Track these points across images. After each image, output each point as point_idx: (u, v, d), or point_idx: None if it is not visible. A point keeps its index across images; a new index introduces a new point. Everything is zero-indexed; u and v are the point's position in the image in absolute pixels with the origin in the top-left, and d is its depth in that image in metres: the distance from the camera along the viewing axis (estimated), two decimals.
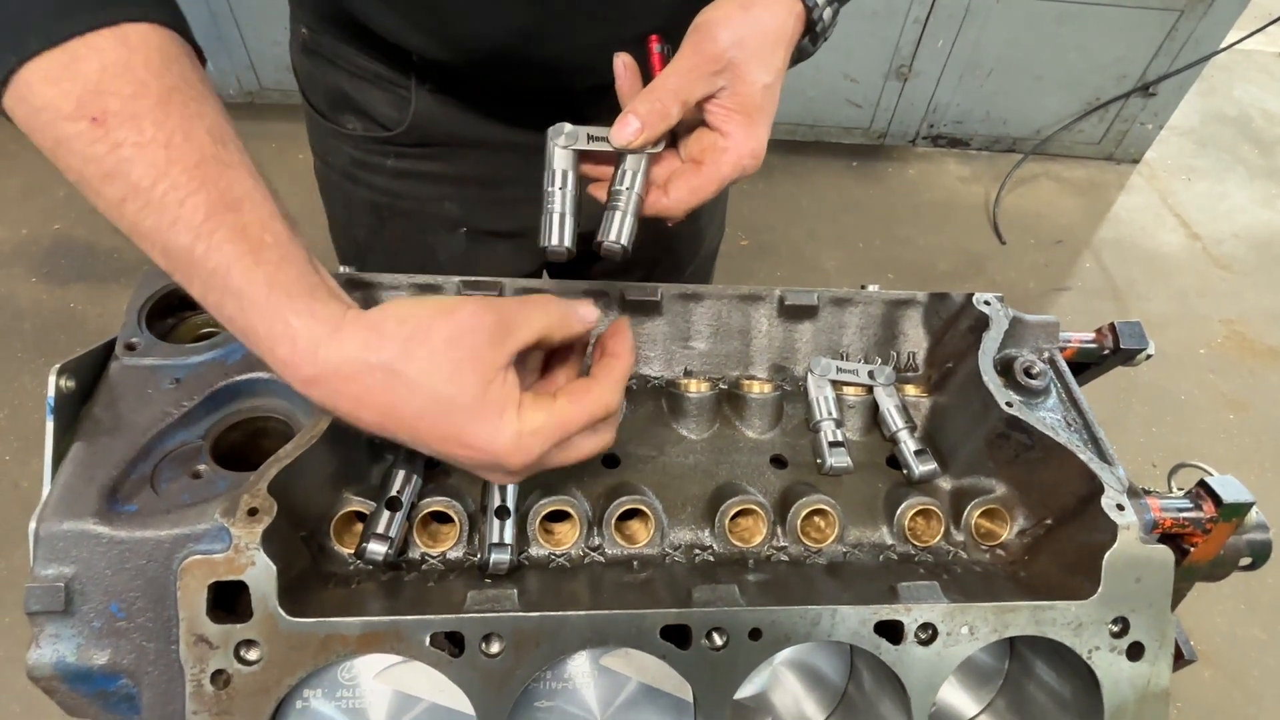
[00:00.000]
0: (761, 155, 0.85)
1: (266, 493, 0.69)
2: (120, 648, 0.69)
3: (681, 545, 0.88)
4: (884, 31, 3.82)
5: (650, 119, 0.81)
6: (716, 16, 0.83)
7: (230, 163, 0.66)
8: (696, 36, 0.83)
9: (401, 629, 0.68)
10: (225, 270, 0.63)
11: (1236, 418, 3.36)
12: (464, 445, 0.67)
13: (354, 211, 1.31)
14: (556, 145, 0.84)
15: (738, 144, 0.84)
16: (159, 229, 0.63)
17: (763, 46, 0.84)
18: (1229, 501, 0.85)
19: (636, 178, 0.84)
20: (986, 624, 0.76)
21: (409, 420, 0.66)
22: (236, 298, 0.64)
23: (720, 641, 0.73)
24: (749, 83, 0.83)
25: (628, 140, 0.81)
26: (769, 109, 0.86)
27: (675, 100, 0.82)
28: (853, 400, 0.98)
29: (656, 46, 0.91)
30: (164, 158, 0.62)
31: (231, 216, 0.64)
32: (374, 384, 0.65)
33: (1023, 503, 0.91)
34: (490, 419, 0.66)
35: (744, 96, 0.84)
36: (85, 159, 0.63)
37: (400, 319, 0.66)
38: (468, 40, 1.03)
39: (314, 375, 0.65)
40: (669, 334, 1.01)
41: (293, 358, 0.64)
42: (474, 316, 0.67)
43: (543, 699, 0.79)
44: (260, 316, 0.64)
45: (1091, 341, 1.07)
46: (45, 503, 0.69)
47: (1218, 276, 3.99)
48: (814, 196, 4.04)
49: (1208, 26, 3.84)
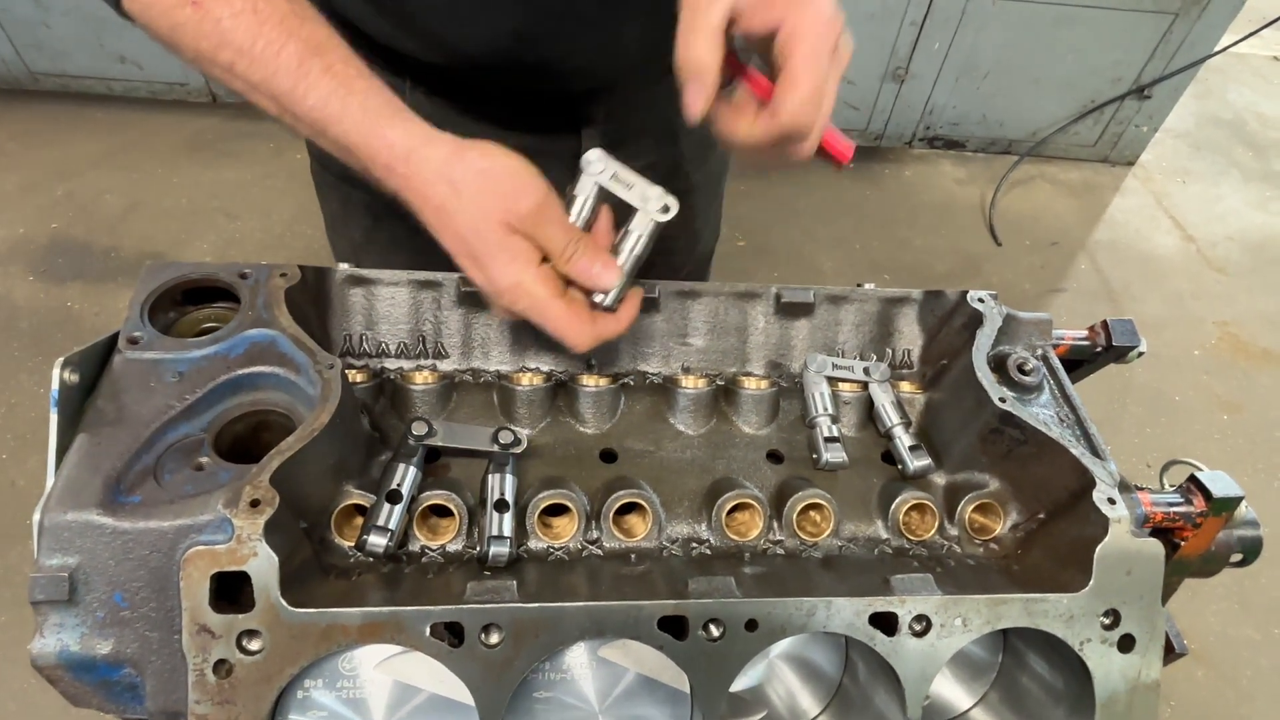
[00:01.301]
0: (832, 13, 0.77)
1: (268, 484, 0.70)
2: (123, 637, 0.70)
3: (679, 539, 0.89)
4: (880, 33, 3.84)
5: (698, 76, 0.77)
6: None
7: (306, 15, 0.82)
8: None
9: (402, 620, 0.69)
10: (324, 103, 0.80)
11: (1230, 419, 3.38)
12: (477, 264, 0.82)
13: (350, 211, 1.32)
14: (584, 172, 0.88)
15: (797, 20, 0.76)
16: (265, 79, 0.80)
17: None
18: (1219, 496, 0.86)
19: (640, 240, 0.87)
20: (980, 616, 0.77)
21: (451, 228, 0.82)
22: (338, 123, 0.80)
23: (717, 632, 0.74)
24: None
25: (699, 109, 0.78)
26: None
27: (706, 36, 0.76)
28: (848, 396, 0.99)
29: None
30: (255, 21, 0.79)
31: (319, 60, 0.80)
32: (440, 192, 0.81)
33: (1016, 497, 0.92)
34: (504, 260, 0.81)
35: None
36: (197, 36, 0.79)
37: (484, 152, 0.82)
38: (458, 44, 1.04)
39: (406, 174, 0.81)
40: (667, 331, 1.02)
41: (391, 161, 0.81)
42: (534, 192, 0.81)
43: (541, 689, 0.79)
44: (360, 134, 0.81)
45: (1084, 339, 1.08)
46: (49, 494, 0.70)
47: (1212, 279, 4.01)
48: (811, 198, 4.06)
49: (1202, 30, 3.86)
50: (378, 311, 0.97)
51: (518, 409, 0.94)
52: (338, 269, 0.96)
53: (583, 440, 0.95)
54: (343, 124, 0.81)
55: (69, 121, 3.85)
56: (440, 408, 0.94)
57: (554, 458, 0.93)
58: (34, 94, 3.90)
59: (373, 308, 0.97)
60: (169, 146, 3.81)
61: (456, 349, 0.99)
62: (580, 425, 0.96)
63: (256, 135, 3.86)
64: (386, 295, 0.97)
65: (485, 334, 0.99)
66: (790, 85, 0.76)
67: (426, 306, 0.98)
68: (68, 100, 3.91)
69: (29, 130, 3.78)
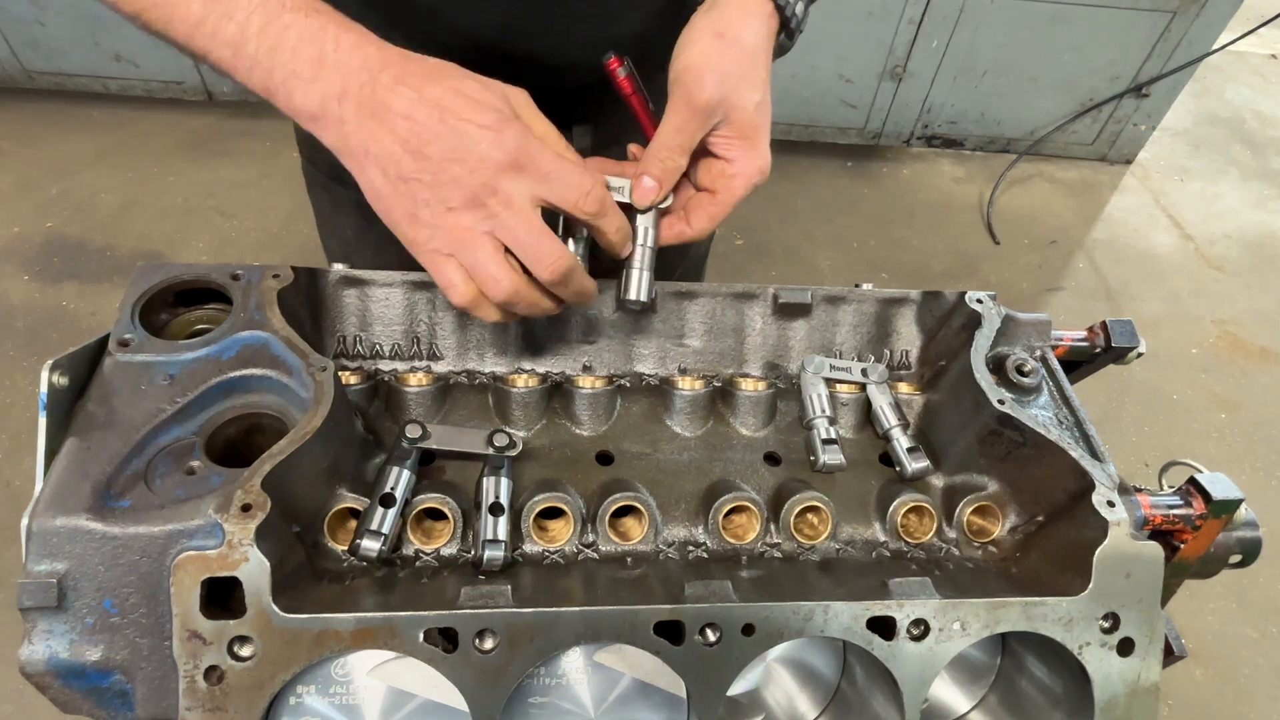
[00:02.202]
0: (768, 168, 0.90)
1: (260, 489, 0.69)
2: (113, 644, 0.69)
3: (675, 542, 0.88)
4: (878, 32, 3.83)
5: (665, 176, 0.88)
6: (695, 58, 0.86)
7: None
8: (683, 87, 0.86)
9: (395, 625, 0.68)
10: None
11: (1228, 417, 3.38)
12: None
13: (341, 211, 1.31)
14: None
15: (744, 166, 0.90)
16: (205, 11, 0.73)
17: (746, 70, 0.87)
18: (1218, 498, 0.86)
19: (649, 234, 0.91)
20: (978, 620, 0.76)
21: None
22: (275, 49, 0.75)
23: (713, 637, 0.73)
24: (742, 110, 0.87)
25: (652, 200, 0.89)
26: (765, 122, 0.90)
27: (681, 153, 0.88)
28: (846, 398, 0.99)
29: (620, 70, 0.95)
30: None
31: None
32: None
33: (1014, 500, 0.91)
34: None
35: (740, 123, 0.88)
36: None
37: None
38: (447, 37, 1.03)
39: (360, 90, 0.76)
40: (663, 332, 1.01)
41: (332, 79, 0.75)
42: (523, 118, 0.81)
43: (536, 695, 0.79)
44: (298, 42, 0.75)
45: (1083, 340, 1.07)
46: (38, 499, 0.69)
47: (1210, 277, 4.01)
48: (809, 197, 4.05)
49: (1200, 28, 3.86)
50: (372, 312, 0.97)
51: (513, 411, 0.94)
52: (331, 270, 0.95)
53: (578, 442, 0.94)
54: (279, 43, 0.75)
55: (64, 120, 3.83)
56: (435, 410, 0.93)
57: (549, 460, 0.92)
58: (29, 92, 3.88)
59: (367, 309, 0.96)
60: (164, 145, 3.80)
61: (451, 350, 0.98)
62: (576, 427, 0.95)
63: (252, 134, 3.85)
64: (381, 296, 0.96)
65: (480, 335, 0.98)
66: (708, 219, 0.92)
67: (421, 307, 0.97)
68: (63, 99, 3.90)
69: (24, 129, 3.77)
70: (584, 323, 1.00)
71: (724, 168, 0.90)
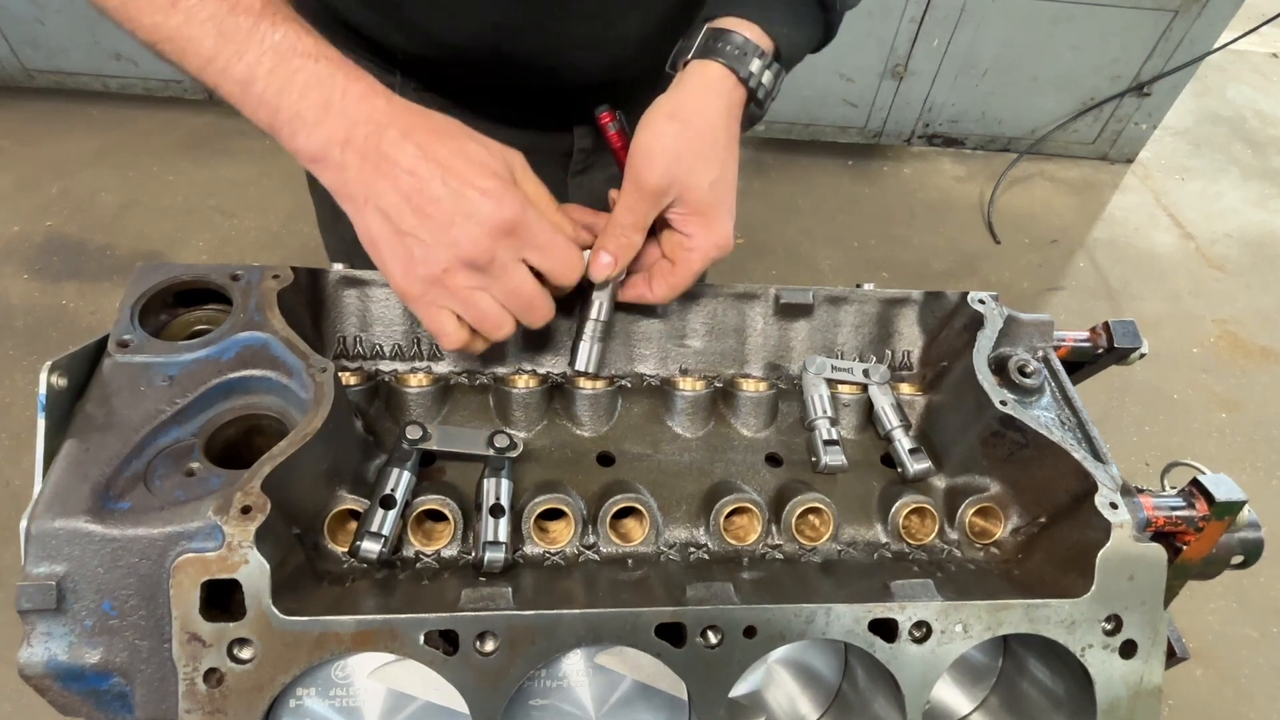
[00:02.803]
0: (728, 243, 0.91)
1: (260, 490, 0.69)
2: (113, 646, 0.69)
3: (676, 543, 0.88)
4: (879, 31, 3.82)
5: (620, 252, 0.89)
6: (646, 140, 0.86)
7: None
8: (634, 169, 0.87)
9: (395, 627, 0.68)
10: (230, 42, 0.74)
11: (1229, 417, 3.37)
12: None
13: (340, 211, 1.31)
14: None
15: (700, 242, 0.90)
16: (153, 10, 0.74)
17: (700, 151, 0.87)
18: (1221, 500, 0.85)
19: (603, 308, 0.92)
20: (980, 622, 0.76)
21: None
22: (243, 82, 0.76)
23: (715, 639, 0.73)
24: (696, 189, 0.88)
25: (607, 275, 0.90)
26: (723, 199, 0.90)
27: (635, 230, 0.89)
28: (847, 399, 0.98)
29: (610, 124, 0.96)
30: None
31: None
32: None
33: (1017, 501, 0.91)
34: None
35: (694, 203, 0.88)
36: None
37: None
38: (443, 35, 1.03)
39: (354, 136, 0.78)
40: (664, 332, 1.01)
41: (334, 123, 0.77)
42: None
43: (537, 697, 0.78)
44: (279, 81, 0.76)
45: (1086, 340, 1.07)
46: (37, 500, 0.69)
47: (1211, 276, 4.00)
48: (809, 196, 4.05)
49: (1202, 27, 3.85)
50: (372, 313, 0.96)
51: (513, 412, 0.93)
52: (331, 270, 0.95)
53: (579, 443, 0.94)
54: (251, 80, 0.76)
55: (64, 119, 3.82)
56: (435, 411, 0.93)
57: (550, 461, 0.92)
58: (29, 91, 3.87)
59: (367, 309, 0.96)
60: (165, 144, 3.79)
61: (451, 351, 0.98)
62: (577, 428, 0.95)
63: (253, 133, 3.78)
64: (381, 296, 0.96)
65: None
66: (668, 288, 0.93)
67: None
68: (63, 97, 3.89)
69: (24, 128, 3.76)
70: None
71: (682, 240, 0.91)
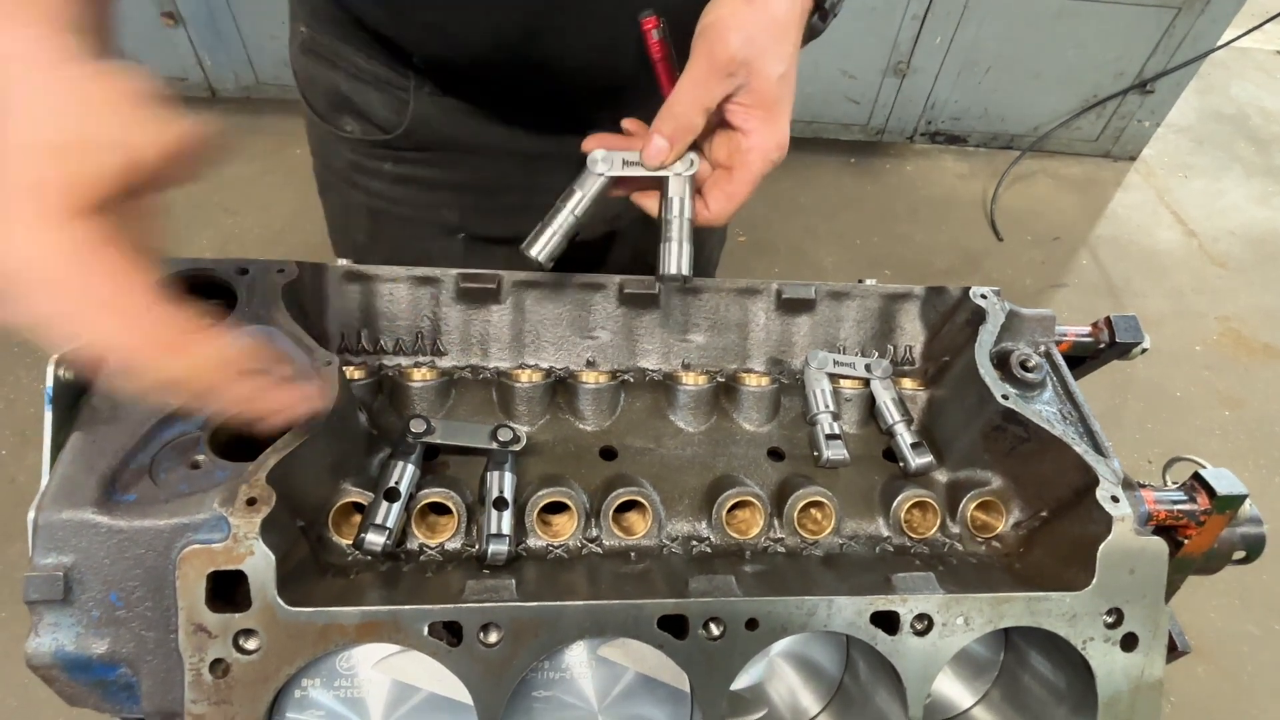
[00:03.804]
0: (786, 145, 0.86)
1: (265, 483, 0.69)
2: (119, 637, 0.69)
3: (679, 537, 0.88)
4: (882, 28, 3.82)
5: (677, 135, 0.83)
6: (723, 16, 0.82)
7: None
8: (706, 41, 0.82)
9: (400, 619, 0.69)
10: None
11: (1231, 414, 3.37)
12: None
13: (352, 215, 1.30)
14: (592, 172, 0.86)
15: (762, 140, 0.85)
16: None
17: (773, 38, 0.83)
18: (1223, 494, 0.85)
19: (684, 203, 0.86)
20: (982, 615, 0.76)
21: None
22: None
23: (717, 631, 0.73)
24: (764, 77, 0.83)
25: (660, 160, 0.83)
26: (787, 98, 0.86)
27: (696, 110, 0.83)
28: (849, 393, 0.99)
29: (654, 31, 0.90)
30: None
31: None
32: None
33: (1018, 495, 0.91)
34: None
35: (761, 92, 0.84)
36: None
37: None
38: (458, 34, 1.02)
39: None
40: (667, 327, 1.01)
41: None
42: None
43: (540, 689, 0.79)
44: None
45: (1087, 335, 1.07)
46: (44, 492, 0.69)
47: (1214, 274, 4.00)
48: (812, 193, 4.05)
49: (1205, 24, 3.85)
50: (376, 308, 0.97)
51: (517, 406, 0.94)
52: (336, 265, 0.95)
53: (582, 437, 0.94)
54: None
55: None
56: (439, 405, 0.93)
57: (553, 455, 0.92)
58: None
59: (371, 304, 0.97)
60: None
61: (455, 345, 0.99)
62: (580, 422, 0.95)
63: (257, 130, 3.85)
64: (385, 291, 0.96)
65: (484, 330, 0.99)
66: (726, 199, 0.87)
67: (425, 302, 0.97)
68: None
69: None
70: (587, 318, 1.00)
71: (740, 141, 0.85)
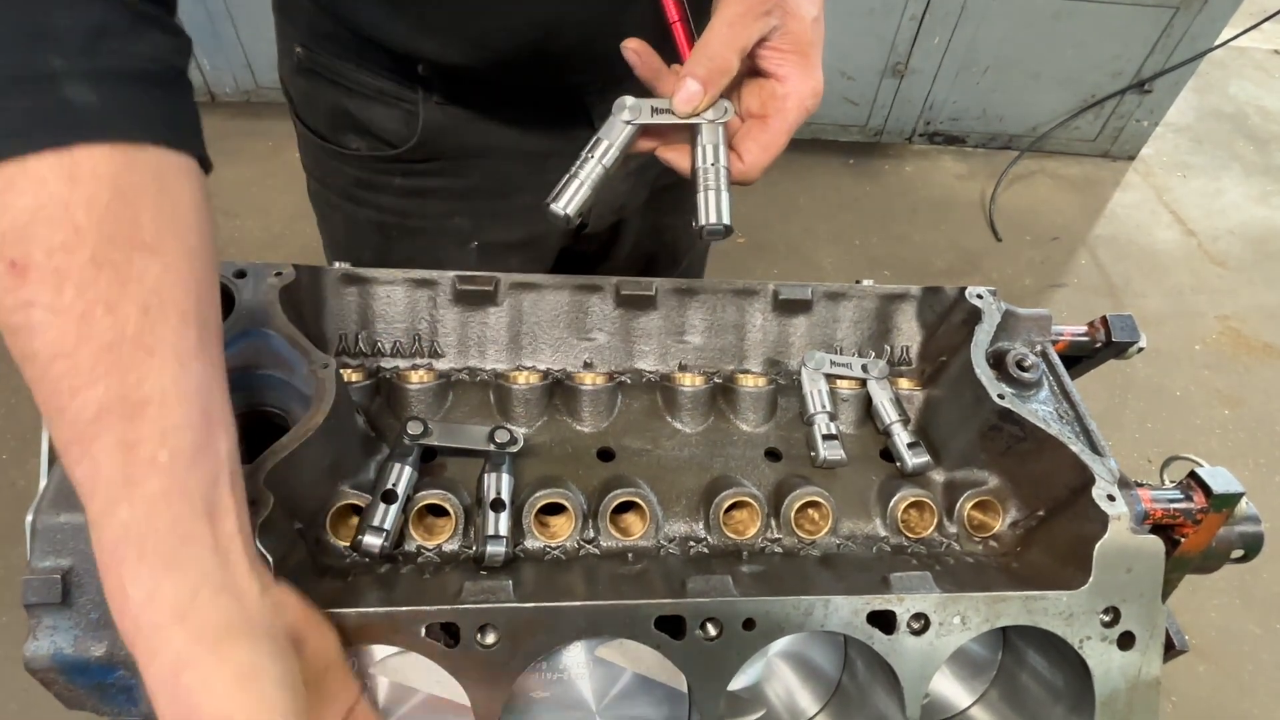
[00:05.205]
0: (821, 91, 0.82)
1: (262, 485, 0.69)
2: (117, 640, 0.69)
3: (676, 538, 0.88)
4: (880, 29, 3.82)
5: (710, 78, 0.77)
6: None
7: (154, 346, 0.55)
8: None
9: (397, 620, 0.69)
10: (90, 490, 0.55)
11: (1231, 413, 3.37)
12: None
13: (357, 232, 1.26)
14: (619, 119, 0.81)
15: (798, 85, 0.81)
16: (46, 411, 0.56)
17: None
18: (1219, 492, 0.85)
19: (719, 150, 0.80)
20: (978, 614, 0.76)
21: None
22: (94, 527, 0.55)
23: (714, 632, 0.73)
24: (799, 19, 0.80)
25: (693, 105, 0.78)
26: (819, 42, 0.83)
27: (732, 50, 0.77)
28: (846, 394, 0.99)
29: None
30: (75, 333, 0.53)
31: (123, 426, 0.54)
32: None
33: (1015, 494, 0.92)
34: None
35: (796, 34, 0.80)
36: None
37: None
38: (481, 37, 0.99)
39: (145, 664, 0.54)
40: (664, 328, 1.02)
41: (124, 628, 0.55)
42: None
43: (538, 690, 0.79)
44: (102, 564, 0.55)
45: (1083, 335, 1.07)
46: (42, 495, 0.70)
47: (1213, 273, 4.00)
48: (810, 194, 4.05)
49: (1203, 23, 3.85)
50: (373, 310, 0.97)
51: (514, 408, 0.94)
52: (333, 268, 0.96)
53: (580, 439, 0.94)
54: (96, 530, 0.55)
55: None
56: (436, 407, 0.94)
57: (551, 456, 0.92)
58: None
59: (368, 306, 0.97)
60: None
61: (453, 348, 0.99)
62: (577, 424, 0.95)
63: (256, 134, 3.86)
64: (382, 294, 0.97)
65: (481, 333, 0.99)
66: (760, 150, 0.82)
67: (422, 305, 0.97)
68: None
69: None
70: (584, 320, 1.00)
71: (775, 88, 0.81)
